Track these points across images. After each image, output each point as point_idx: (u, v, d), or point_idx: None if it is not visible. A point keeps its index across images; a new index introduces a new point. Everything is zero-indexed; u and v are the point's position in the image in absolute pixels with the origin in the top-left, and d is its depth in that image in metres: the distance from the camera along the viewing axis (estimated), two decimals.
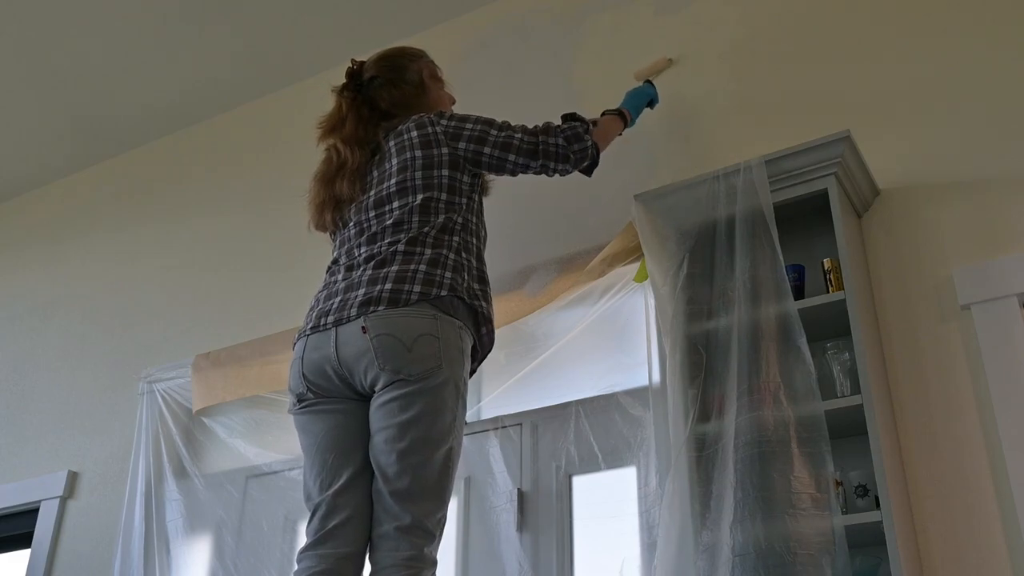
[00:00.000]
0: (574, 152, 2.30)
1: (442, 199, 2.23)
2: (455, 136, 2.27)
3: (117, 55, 3.82)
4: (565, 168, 2.33)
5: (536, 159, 2.29)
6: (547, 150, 2.28)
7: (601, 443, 2.62)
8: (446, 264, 2.15)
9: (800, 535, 2.03)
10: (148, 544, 3.21)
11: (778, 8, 2.93)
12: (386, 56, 2.49)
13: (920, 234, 2.45)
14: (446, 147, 2.26)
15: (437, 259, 2.15)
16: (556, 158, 2.30)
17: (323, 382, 2.12)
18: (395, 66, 2.46)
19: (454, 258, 2.17)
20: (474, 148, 2.26)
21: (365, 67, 2.47)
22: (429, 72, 2.50)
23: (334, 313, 2.12)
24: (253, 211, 3.76)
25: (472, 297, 2.16)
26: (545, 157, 2.29)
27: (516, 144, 2.27)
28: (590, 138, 2.34)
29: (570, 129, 2.31)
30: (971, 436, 2.21)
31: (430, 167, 2.25)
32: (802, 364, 2.16)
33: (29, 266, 4.41)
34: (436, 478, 2.00)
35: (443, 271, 2.13)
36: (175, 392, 3.44)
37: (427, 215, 2.21)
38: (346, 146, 2.36)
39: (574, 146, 2.30)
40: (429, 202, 2.22)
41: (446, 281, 2.11)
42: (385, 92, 2.42)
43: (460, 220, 2.24)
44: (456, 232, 2.22)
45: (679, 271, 2.44)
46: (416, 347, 2.02)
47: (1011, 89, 2.48)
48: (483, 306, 2.19)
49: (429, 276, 2.10)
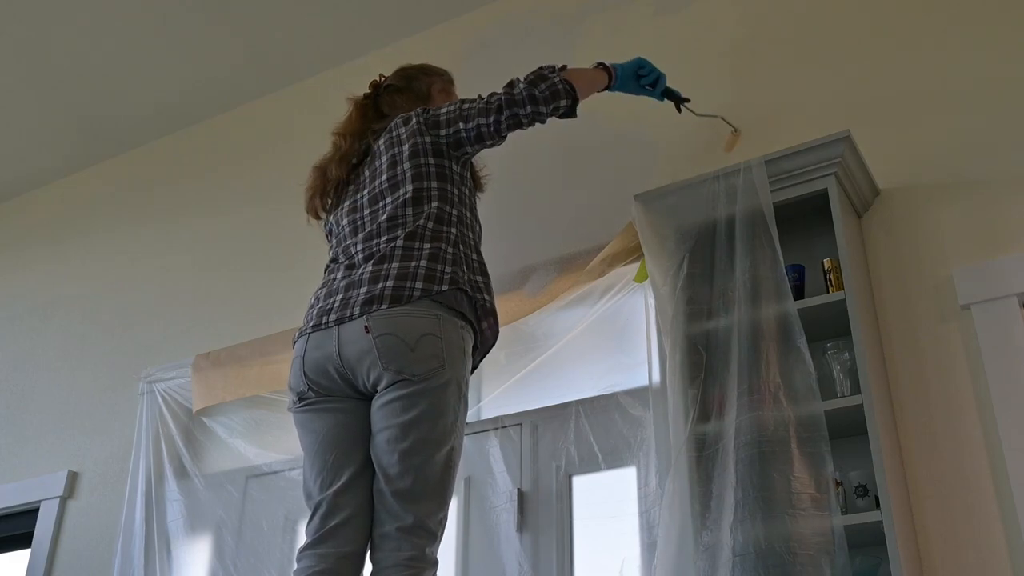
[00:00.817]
0: (540, 91, 2.22)
1: (433, 187, 2.24)
2: (434, 124, 2.29)
3: (117, 55, 3.82)
4: (536, 110, 2.22)
5: (502, 111, 2.23)
6: (511, 99, 2.22)
7: (601, 443, 2.62)
8: (445, 259, 2.15)
9: (800, 535, 2.03)
10: (148, 544, 3.21)
11: (778, 8, 2.93)
12: (405, 67, 2.59)
13: (920, 234, 2.45)
14: (428, 136, 2.28)
15: (436, 254, 2.15)
16: (522, 102, 2.21)
17: (324, 381, 2.12)
18: (408, 76, 2.55)
19: (452, 251, 2.17)
20: (452, 130, 2.27)
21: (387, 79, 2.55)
22: (440, 87, 2.55)
23: (336, 311, 2.12)
24: (253, 211, 3.76)
25: (475, 290, 2.17)
26: (512, 105, 2.22)
27: (483, 107, 2.25)
28: (557, 76, 2.25)
29: (533, 73, 2.26)
30: (971, 436, 2.21)
31: (416, 155, 2.26)
32: (802, 364, 2.16)
33: (29, 266, 4.41)
34: (438, 478, 2.01)
35: (443, 265, 2.13)
36: (175, 392, 3.44)
37: (419, 205, 2.21)
38: (341, 137, 2.45)
39: (540, 85, 2.22)
40: (420, 192, 2.23)
41: (446, 276, 2.12)
42: (390, 96, 2.50)
43: (455, 212, 2.24)
44: (452, 224, 2.22)
45: (679, 271, 2.43)
46: (419, 347, 2.02)
47: (1011, 89, 2.48)
48: (485, 299, 2.19)
49: (430, 272, 2.11)
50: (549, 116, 2.27)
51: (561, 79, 2.24)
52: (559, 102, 2.25)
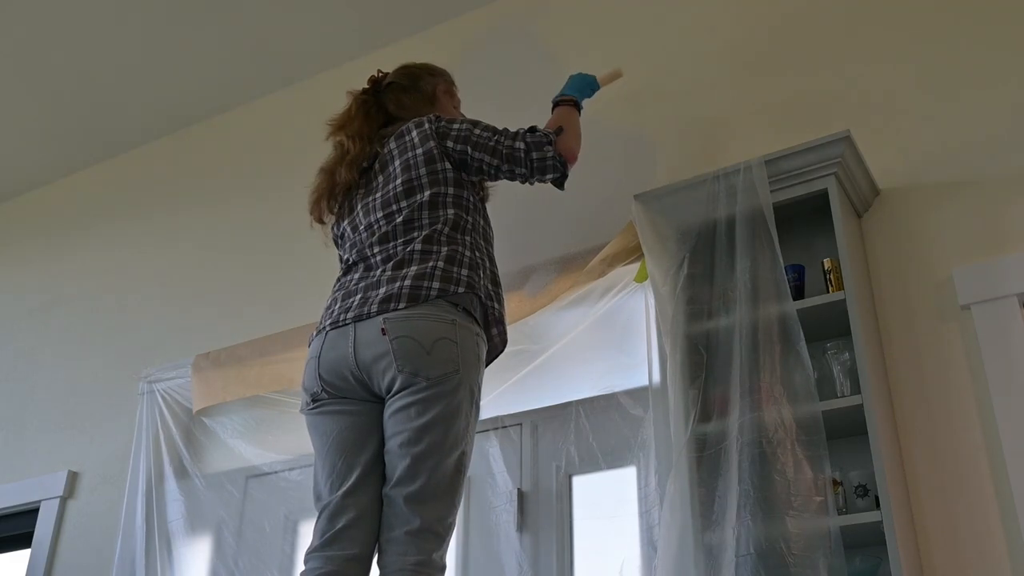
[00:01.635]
0: (533, 159, 2.24)
1: (449, 193, 2.24)
2: (444, 135, 2.29)
3: (117, 55, 3.82)
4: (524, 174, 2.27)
5: (504, 162, 2.25)
6: (512, 155, 2.25)
7: (601, 443, 2.62)
8: (462, 261, 2.16)
9: (800, 535, 2.03)
10: (149, 544, 3.21)
11: (777, 8, 2.93)
12: (407, 66, 2.57)
13: (920, 234, 2.45)
14: (440, 144, 2.28)
15: (453, 256, 2.16)
16: (519, 162, 2.25)
17: (339, 382, 2.12)
18: (412, 75, 2.54)
19: (470, 255, 2.19)
20: (460, 148, 2.27)
21: (387, 75, 2.54)
22: (444, 88, 2.55)
23: (354, 309, 2.12)
24: (253, 211, 3.76)
25: (488, 297, 2.18)
26: (511, 161, 2.25)
27: (492, 146, 2.26)
28: (552, 149, 2.25)
29: (532, 136, 2.26)
30: (971, 436, 2.21)
31: (432, 161, 2.26)
32: (802, 364, 2.17)
33: (29, 266, 4.42)
34: (448, 482, 2.00)
35: (460, 268, 2.14)
36: (175, 392, 3.44)
37: (436, 210, 2.22)
38: (350, 139, 2.42)
39: (532, 154, 2.25)
40: (437, 197, 2.23)
41: (463, 278, 2.13)
42: (395, 96, 2.49)
43: (470, 220, 2.26)
44: (468, 231, 2.23)
45: (679, 271, 2.44)
46: (435, 350, 2.03)
47: (1011, 89, 2.48)
48: (496, 308, 2.20)
49: (447, 273, 2.12)
50: (536, 182, 2.31)
51: (555, 155, 2.25)
52: (545, 176, 2.28)
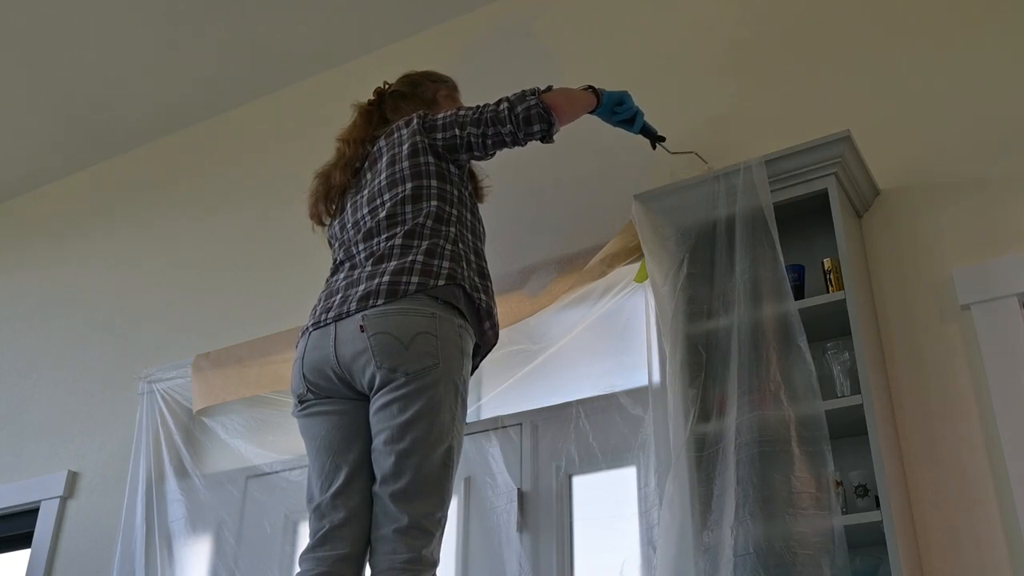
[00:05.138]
0: (517, 112, 2.22)
1: (432, 185, 2.25)
2: (432, 128, 2.30)
3: (117, 55, 3.82)
4: (514, 131, 2.23)
5: (489, 126, 2.24)
6: (496, 115, 2.24)
7: (601, 443, 2.62)
8: (443, 254, 2.15)
9: (800, 535, 2.03)
10: (149, 544, 3.21)
11: (778, 8, 2.93)
12: (410, 73, 2.60)
13: (920, 234, 2.45)
14: (427, 138, 2.29)
15: (434, 249, 2.15)
16: (503, 120, 2.23)
17: (323, 382, 2.13)
18: (413, 81, 2.56)
19: (451, 248, 2.18)
20: (448, 134, 2.28)
21: (391, 86, 2.57)
22: (446, 93, 2.57)
23: (335, 309, 2.13)
24: (253, 211, 3.76)
25: (473, 289, 2.17)
26: (495, 123, 2.24)
27: (476, 117, 2.26)
28: (535, 99, 2.23)
29: (516, 94, 2.26)
30: (971, 436, 2.21)
31: (415, 154, 2.27)
32: (802, 364, 2.16)
33: (29, 266, 4.41)
34: (435, 477, 2.00)
35: (440, 260, 2.14)
36: (175, 392, 3.45)
37: (419, 202, 2.22)
38: (345, 143, 2.45)
39: (518, 107, 2.23)
40: (419, 189, 2.23)
41: (444, 271, 2.12)
42: (394, 102, 2.51)
43: (455, 212, 2.25)
44: (451, 223, 2.23)
45: (679, 271, 2.44)
46: (413, 345, 2.02)
47: (1011, 89, 2.48)
48: (483, 299, 2.19)
49: (427, 266, 2.11)
50: (526, 139, 2.26)
51: (538, 102, 2.22)
52: (532, 127, 2.23)
